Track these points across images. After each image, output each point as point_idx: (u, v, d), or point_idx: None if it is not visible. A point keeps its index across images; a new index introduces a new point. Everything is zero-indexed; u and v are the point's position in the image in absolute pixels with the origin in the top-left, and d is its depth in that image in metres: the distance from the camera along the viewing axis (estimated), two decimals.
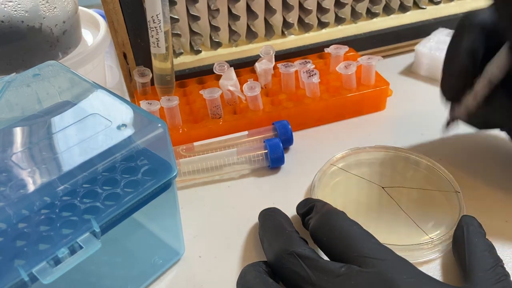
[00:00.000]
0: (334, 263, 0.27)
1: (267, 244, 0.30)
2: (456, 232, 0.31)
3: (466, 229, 0.30)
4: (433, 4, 0.57)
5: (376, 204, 0.36)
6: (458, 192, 0.36)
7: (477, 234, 0.30)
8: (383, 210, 0.35)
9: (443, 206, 0.35)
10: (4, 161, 0.24)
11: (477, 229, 0.30)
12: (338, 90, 0.46)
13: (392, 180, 0.37)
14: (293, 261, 0.27)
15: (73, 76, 0.31)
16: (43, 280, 0.22)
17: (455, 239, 0.31)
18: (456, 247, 0.31)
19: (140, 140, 0.26)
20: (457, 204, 0.35)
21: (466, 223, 0.31)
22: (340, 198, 0.36)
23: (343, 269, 0.26)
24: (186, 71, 0.49)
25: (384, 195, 0.36)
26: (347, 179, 0.38)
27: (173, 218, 0.31)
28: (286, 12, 0.51)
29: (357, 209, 0.35)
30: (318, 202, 0.32)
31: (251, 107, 0.44)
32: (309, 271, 0.26)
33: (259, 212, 0.34)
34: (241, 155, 0.40)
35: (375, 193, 0.36)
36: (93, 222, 0.24)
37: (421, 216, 0.34)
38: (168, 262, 0.33)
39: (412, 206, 0.35)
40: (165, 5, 0.40)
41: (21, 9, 0.39)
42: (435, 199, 0.36)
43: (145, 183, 0.27)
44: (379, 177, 0.38)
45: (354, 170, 0.39)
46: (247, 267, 0.29)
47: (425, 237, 0.32)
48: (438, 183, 0.37)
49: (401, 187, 0.37)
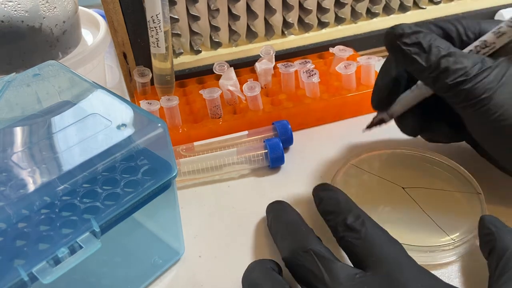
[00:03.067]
0: (350, 268, 0.27)
1: (281, 239, 0.30)
2: (482, 231, 0.30)
3: (494, 227, 0.29)
4: (433, 4, 0.57)
5: (396, 205, 0.35)
6: (479, 193, 0.35)
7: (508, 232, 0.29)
8: (404, 210, 0.35)
9: (464, 208, 0.34)
10: (4, 161, 0.24)
11: (504, 226, 0.29)
12: (338, 90, 0.46)
13: (411, 180, 0.37)
14: (309, 259, 0.27)
15: (73, 76, 0.31)
16: (43, 280, 0.22)
17: (483, 234, 0.29)
18: (484, 245, 0.29)
19: (140, 140, 0.26)
20: (478, 205, 0.34)
21: (491, 222, 0.30)
22: (360, 198, 0.36)
23: (357, 276, 0.26)
24: (186, 71, 0.49)
25: (405, 196, 0.36)
26: (367, 179, 0.38)
27: (173, 218, 0.31)
28: (286, 12, 0.51)
29: (377, 209, 0.35)
30: (339, 194, 0.32)
31: (251, 107, 0.44)
32: (323, 271, 0.26)
33: (266, 205, 0.34)
34: (241, 155, 0.40)
35: (396, 193, 0.36)
36: (93, 222, 0.24)
37: (441, 218, 0.34)
38: (168, 262, 0.33)
39: (432, 207, 0.35)
40: (165, 5, 0.40)
41: (21, 9, 0.39)
42: (456, 200, 0.35)
43: (145, 183, 0.27)
44: (398, 177, 0.37)
45: (374, 170, 0.38)
46: (254, 263, 0.29)
47: (446, 238, 0.32)
48: (459, 184, 0.36)
49: (421, 188, 0.36)
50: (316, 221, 0.35)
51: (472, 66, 0.30)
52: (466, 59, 0.30)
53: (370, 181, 0.38)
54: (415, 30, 0.32)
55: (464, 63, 0.30)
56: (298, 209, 0.33)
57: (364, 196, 0.36)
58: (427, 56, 0.31)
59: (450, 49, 0.31)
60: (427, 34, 0.32)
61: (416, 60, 0.31)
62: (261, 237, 0.34)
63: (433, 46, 0.31)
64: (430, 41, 0.31)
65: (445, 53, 0.30)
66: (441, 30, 0.34)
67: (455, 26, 0.34)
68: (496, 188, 0.37)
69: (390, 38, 0.33)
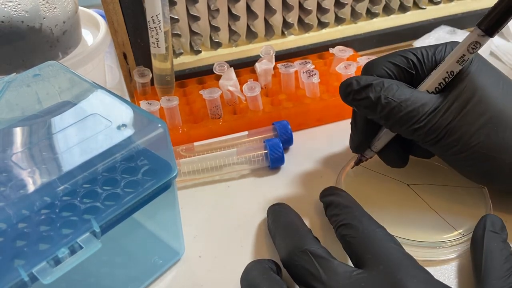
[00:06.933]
0: (347, 266, 0.27)
1: (280, 240, 0.30)
2: (475, 232, 0.31)
3: (486, 232, 0.30)
4: (433, 4, 0.57)
5: (402, 202, 0.36)
6: (483, 187, 0.36)
7: (496, 238, 0.29)
8: (409, 208, 0.35)
9: (469, 202, 0.35)
10: (4, 161, 0.24)
11: (498, 232, 0.30)
12: (338, 90, 0.46)
13: (415, 177, 0.37)
14: (306, 259, 0.27)
15: (73, 76, 0.31)
16: (43, 280, 0.22)
17: (474, 240, 0.31)
18: (473, 248, 0.30)
19: (140, 140, 0.26)
20: (483, 199, 0.35)
21: (487, 225, 0.30)
22: (365, 196, 0.36)
23: (354, 273, 0.26)
24: (186, 71, 0.49)
25: (410, 193, 0.36)
26: (371, 177, 0.38)
27: (173, 218, 0.31)
28: (286, 12, 0.51)
29: (382, 207, 0.35)
30: (342, 197, 0.32)
31: (251, 107, 0.44)
32: (320, 270, 0.26)
33: (267, 208, 0.34)
34: (241, 155, 0.40)
35: (401, 191, 0.36)
36: (93, 222, 0.24)
37: (447, 213, 0.34)
38: (168, 262, 0.33)
39: (438, 203, 0.35)
40: (165, 5, 0.40)
41: (21, 9, 0.39)
42: (460, 195, 0.36)
43: (145, 183, 0.27)
44: (402, 174, 0.38)
45: (377, 168, 0.39)
46: (252, 263, 0.29)
47: (454, 233, 0.33)
48: (462, 178, 0.36)
49: (425, 184, 0.36)
50: (316, 221, 0.35)
51: (423, 111, 0.31)
52: (418, 105, 0.31)
53: (375, 180, 0.38)
54: (363, 85, 0.32)
55: (415, 111, 0.31)
56: (297, 209, 0.33)
57: (370, 195, 0.36)
58: (378, 108, 0.32)
59: (400, 96, 0.31)
60: (376, 85, 0.32)
61: (368, 112, 0.33)
62: (261, 237, 0.34)
63: (382, 98, 0.31)
64: (379, 93, 0.32)
65: (395, 104, 0.31)
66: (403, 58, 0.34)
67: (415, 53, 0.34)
68: None
69: (342, 95, 0.34)
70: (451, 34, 0.53)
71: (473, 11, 0.58)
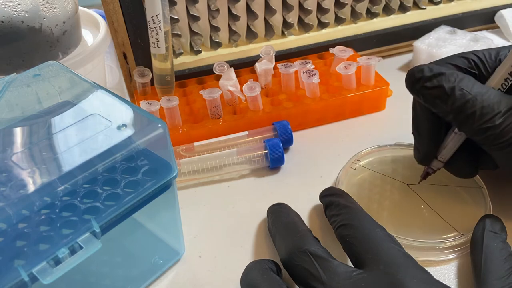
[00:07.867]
0: (347, 266, 0.27)
1: (279, 240, 0.30)
2: (475, 232, 0.31)
3: (486, 232, 0.30)
4: (433, 4, 0.57)
5: (401, 202, 0.36)
6: (482, 187, 0.36)
7: (496, 239, 0.29)
8: (408, 207, 0.35)
9: (469, 202, 0.35)
10: (4, 161, 0.24)
11: (497, 233, 0.30)
12: (338, 90, 0.46)
13: (415, 177, 0.37)
14: (306, 259, 0.27)
15: (73, 76, 0.31)
16: (43, 280, 0.22)
17: (473, 241, 0.30)
18: (473, 248, 0.30)
19: (140, 140, 0.26)
20: (482, 199, 0.35)
21: (487, 225, 0.30)
22: (365, 196, 0.36)
23: (354, 273, 0.26)
24: (186, 71, 0.49)
25: (409, 193, 0.36)
26: (371, 177, 0.38)
27: (173, 218, 0.31)
28: (286, 12, 0.51)
29: (382, 207, 0.35)
30: (341, 197, 0.32)
31: (251, 107, 0.44)
32: (320, 270, 0.26)
33: (267, 208, 0.34)
34: (241, 155, 0.40)
35: (400, 190, 0.37)
36: (93, 222, 0.24)
37: (447, 213, 0.34)
38: (168, 262, 0.33)
39: (437, 203, 0.35)
40: (165, 5, 0.40)
41: (21, 9, 0.39)
42: (460, 195, 0.36)
43: (145, 183, 0.27)
44: (402, 174, 0.38)
45: (377, 167, 0.39)
46: (252, 263, 0.29)
47: (454, 233, 0.32)
48: (461, 179, 0.36)
49: (425, 184, 0.36)
50: (315, 221, 0.35)
51: (498, 109, 0.28)
52: (493, 101, 0.29)
53: (375, 180, 0.38)
54: (436, 72, 0.30)
55: (490, 107, 0.28)
56: (297, 209, 0.33)
57: (370, 195, 0.36)
58: (450, 100, 0.29)
59: (475, 90, 0.29)
60: (449, 75, 0.30)
61: (438, 104, 0.30)
62: (261, 238, 0.34)
63: (457, 89, 0.29)
64: (453, 83, 0.29)
65: (470, 97, 0.29)
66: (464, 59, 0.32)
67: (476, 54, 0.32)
68: (499, 182, 0.37)
69: (410, 82, 0.31)
70: (451, 34, 0.53)
71: (473, 11, 0.58)
